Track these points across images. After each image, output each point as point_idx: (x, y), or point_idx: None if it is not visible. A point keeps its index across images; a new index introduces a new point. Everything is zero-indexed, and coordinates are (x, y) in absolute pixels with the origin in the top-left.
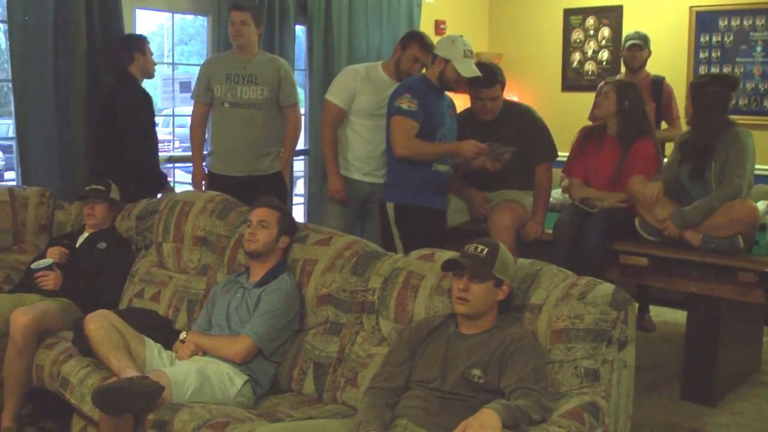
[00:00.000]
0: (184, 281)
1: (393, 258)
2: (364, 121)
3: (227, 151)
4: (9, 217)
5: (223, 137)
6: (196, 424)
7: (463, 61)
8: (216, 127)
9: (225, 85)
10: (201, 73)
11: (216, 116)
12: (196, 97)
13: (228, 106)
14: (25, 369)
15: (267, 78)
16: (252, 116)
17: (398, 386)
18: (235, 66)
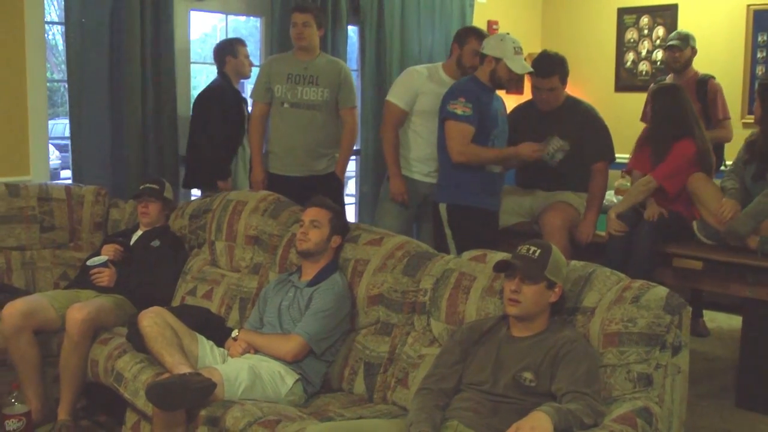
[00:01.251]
0: (236, 279)
1: (444, 259)
2: (426, 122)
3: (286, 151)
4: (65, 215)
5: (281, 137)
6: (248, 421)
7: (514, 59)
8: (275, 127)
9: (285, 86)
10: (261, 73)
11: (275, 116)
12: (256, 96)
13: (288, 107)
14: (80, 363)
15: (328, 80)
16: (311, 117)
17: (449, 388)
18: (297, 66)
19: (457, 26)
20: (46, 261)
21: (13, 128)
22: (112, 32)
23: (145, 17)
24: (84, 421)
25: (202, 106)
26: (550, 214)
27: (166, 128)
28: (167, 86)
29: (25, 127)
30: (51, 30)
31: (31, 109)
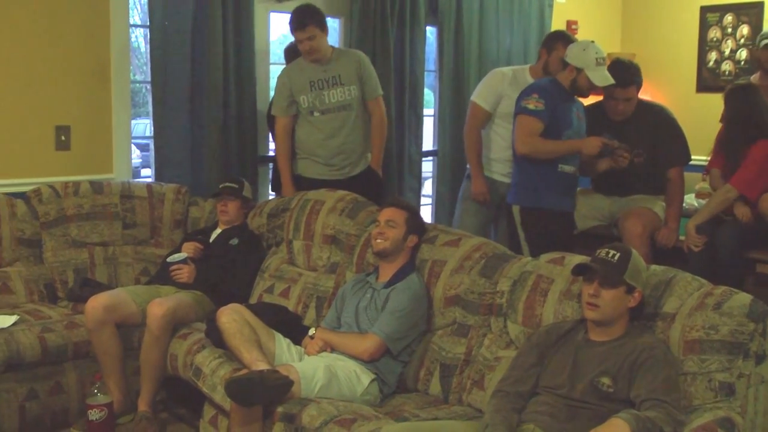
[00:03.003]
0: (313, 278)
1: (522, 261)
2: (508, 124)
3: (325, 158)
4: (147, 213)
5: (317, 146)
6: (324, 419)
7: (596, 70)
8: (308, 138)
9: (311, 94)
10: (280, 87)
11: (305, 127)
12: (279, 112)
13: (318, 114)
14: (160, 357)
15: (350, 74)
16: (345, 118)
17: (526, 391)
18: (316, 71)
19: (536, 27)
20: (128, 257)
21: (98, 128)
22: (194, 34)
23: (227, 19)
24: (163, 413)
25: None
26: (631, 221)
27: (246, 128)
28: (247, 87)
29: (108, 127)
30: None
31: (115, 110)
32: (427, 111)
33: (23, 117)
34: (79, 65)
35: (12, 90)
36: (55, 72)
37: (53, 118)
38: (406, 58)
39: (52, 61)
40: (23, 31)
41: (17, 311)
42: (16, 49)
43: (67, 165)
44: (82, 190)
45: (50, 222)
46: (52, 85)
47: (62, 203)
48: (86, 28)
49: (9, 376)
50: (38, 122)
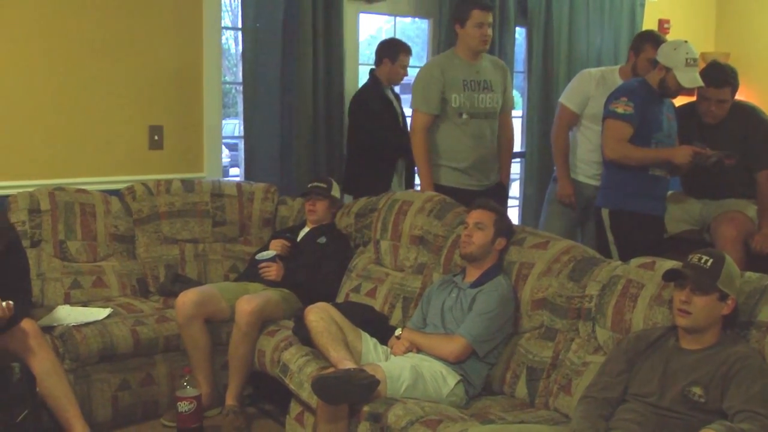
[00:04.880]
0: (400, 279)
1: (611, 265)
2: (595, 126)
3: (469, 165)
4: (236, 211)
5: (462, 150)
6: (409, 419)
7: (685, 71)
8: (451, 140)
9: (463, 94)
10: (432, 80)
11: (450, 128)
12: (427, 107)
13: (467, 117)
14: (248, 353)
15: (497, 82)
16: (489, 126)
17: (614, 397)
18: (469, 72)
19: (628, 26)
20: (217, 254)
21: (190, 128)
22: (285, 36)
23: (317, 20)
24: (250, 408)
25: (351, 111)
26: (724, 225)
27: (335, 129)
28: (337, 88)
29: (200, 127)
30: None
31: (206, 111)
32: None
33: (118, 117)
34: (172, 67)
35: (108, 91)
36: (150, 74)
37: (147, 118)
38: None
39: (146, 63)
40: (119, 34)
41: (111, 304)
42: (111, 51)
43: (159, 164)
44: (174, 188)
45: (143, 219)
46: (146, 87)
47: (155, 201)
48: (180, 30)
49: (103, 367)
50: (132, 122)
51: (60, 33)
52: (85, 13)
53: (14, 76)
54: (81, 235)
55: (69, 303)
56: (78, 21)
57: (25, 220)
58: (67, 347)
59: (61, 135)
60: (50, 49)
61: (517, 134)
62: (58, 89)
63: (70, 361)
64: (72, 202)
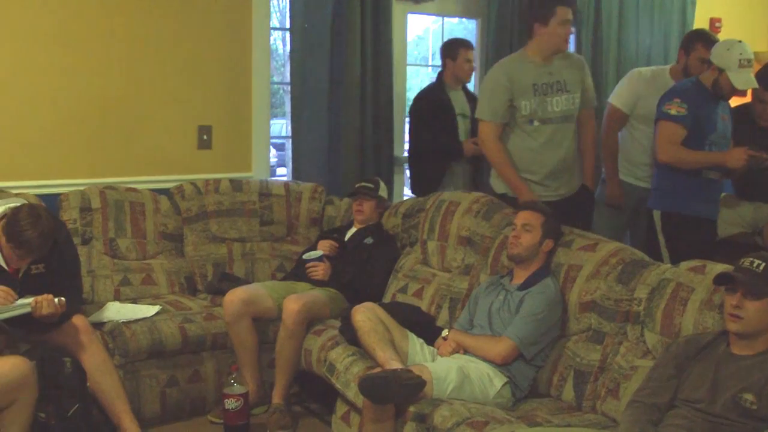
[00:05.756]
0: (447, 279)
1: (661, 268)
2: (645, 127)
3: (544, 175)
4: (284, 210)
5: (533, 162)
6: (456, 420)
7: (739, 72)
8: (522, 150)
9: (534, 99)
10: (498, 87)
11: (520, 137)
12: (493, 116)
13: (538, 124)
14: (294, 352)
15: (574, 80)
16: (566, 131)
17: (663, 403)
18: (541, 74)
19: (678, 25)
20: (265, 253)
21: (238, 128)
22: (333, 36)
23: (365, 21)
24: (296, 406)
25: (411, 112)
26: None
27: (383, 128)
28: (385, 88)
29: (248, 127)
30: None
31: (255, 111)
32: None
33: (168, 118)
34: (221, 67)
35: (158, 92)
36: (199, 74)
37: (196, 118)
38: None
39: (196, 64)
40: (169, 35)
41: (160, 302)
42: (161, 52)
43: (208, 163)
44: (223, 187)
45: (192, 217)
46: (195, 87)
47: (203, 200)
48: (229, 31)
49: (152, 363)
50: (182, 122)
51: (110, 34)
52: (136, 14)
53: (67, 78)
54: (131, 233)
55: (119, 300)
56: (128, 22)
57: (76, 218)
58: (116, 343)
59: (111, 135)
60: (101, 51)
61: None
62: (109, 90)
63: (120, 357)
64: (122, 201)
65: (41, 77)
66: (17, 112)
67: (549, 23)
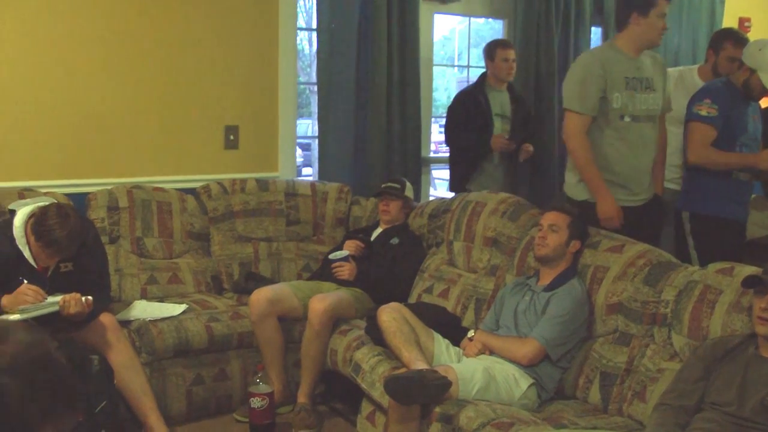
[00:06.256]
0: (472, 280)
1: (688, 270)
2: (674, 128)
3: (629, 177)
4: (310, 210)
5: (618, 161)
6: (481, 421)
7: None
8: (608, 147)
9: (625, 93)
10: (591, 77)
11: (607, 133)
12: (584, 107)
13: (629, 120)
14: (320, 351)
15: (659, 81)
16: (651, 131)
17: (690, 406)
18: (631, 68)
19: (706, 24)
20: (291, 252)
21: (265, 128)
22: (360, 36)
23: (392, 21)
24: (322, 406)
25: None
26: None
27: (409, 129)
28: (411, 88)
29: (275, 127)
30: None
31: (281, 111)
32: None
33: (195, 117)
34: (248, 68)
35: (185, 92)
36: (226, 74)
37: (223, 118)
38: (570, 59)
39: (223, 64)
40: (195, 35)
41: (186, 300)
42: (188, 52)
43: (235, 163)
44: (249, 187)
45: (218, 217)
46: (222, 87)
47: (230, 199)
48: (256, 32)
49: (178, 362)
50: (209, 122)
51: (139, 36)
52: (163, 15)
53: (94, 79)
54: (158, 232)
55: (145, 298)
56: (156, 23)
57: (104, 217)
58: (143, 341)
59: (139, 135)
60: (130, 52)
61: None
62: (137, 91)
63: (147, 355)
64: (149, 200)
65: (70, 78)
66: (47, 113)
67: (649, 14)
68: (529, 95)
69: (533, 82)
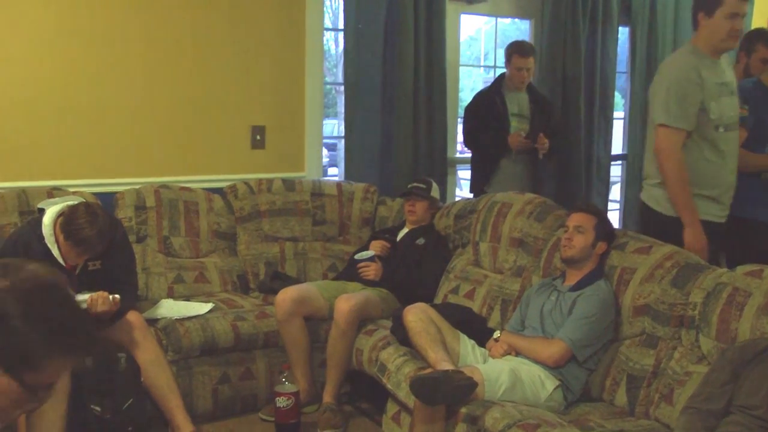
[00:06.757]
0: (498, 281)
1: (717, 272)
2: None
3: (719, 191)
4: (336, 210)
5: (713, 175)
6: (507, 422)
7: None
8: (704, 161)
9: (719, 101)
10: (691, 87)
11: (703, 146)
12: (686, 122)
13: (723, 131)
14: (346, 351)
15: (735, 82)
16: (737, 140)
17: (718, 409)
18: (716, 73)
19: None
20: (317, 252)
21: (291, 128)
22: (386, 36)
23: (418, 21)
24: (347, 406)
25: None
26: None
27: (436, 129)
28: (438, 89)
29: (301, 127)
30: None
31: (308, 111)
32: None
33: (222, 118)
34: (275, 68)
35: (212, 92)
36: (253, 75)
37: (250, 118)
38: (597, 59)
39: (250, 64)
40: (223, 36)
41: (212, 299)
42: (216, 53)
43: (261, 163)
44: (275, 187)
45: (244, 216)
46: (249, 88)
47: (256, 199)
48: (283, 32)
49: (204, 360)
50: (236, 122)
51: (164, 36)
52: (189, 15)
53: (121, 79)
54: (184, 231)
55: (172, 297)
56: (181, 23)
57: (131, 216)
58: (170, 339)
59: (166, 135)
60: (155, 52)
61: (618, 136)
62: (164, 91)
63: (173, 353)
64: (176, 200)
65: (99, 78)
66: (76, 113)
67: (714, 14)
68: (556, 95)
69: (560, 82)
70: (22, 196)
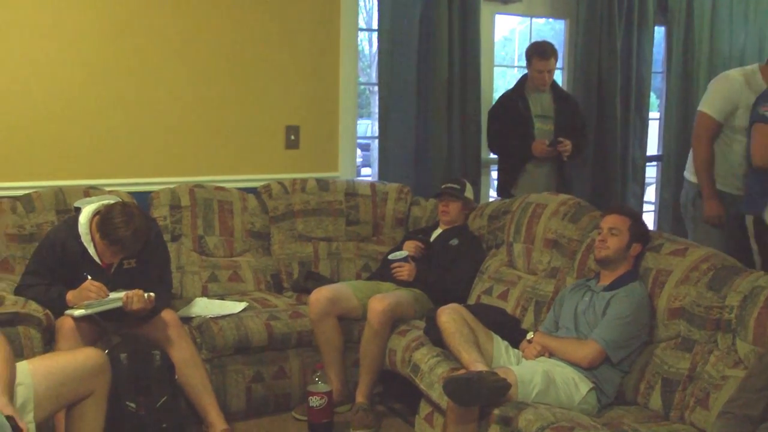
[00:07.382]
0: (532, 282)
1: (754, 275)
2: (741, 137)
3: None
4: (370, 210)
5: None
6: (540, 424)
7: None
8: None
9: None
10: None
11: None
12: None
13: None
14: (379, 351)
15: None
16: None
17: (755, 415)
18: None
19: None
20: (350, 252)
21: (326, 128)
22: (421, 37)
23: (452, 22)
24: (380, 406)
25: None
26: None
27: (470, 130)
28: (472, 89)
29: (335, 127)
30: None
31: (342, 111)
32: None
33: (256, 117)
34: (309, 68)
35: (247, 92)
36: (287, 75)
37: (284, 118)
38: (632, 59)
39: (284, 65)
40: (258, 36)
41: (246, 298)
42: (251, 54)
43: (295, 163)
44: (309, 187)
45: (278, 216)
46: (283, 88)
47: (290, 199)
48: (317, 32)
49: (238, 359)
50: (270, 122)
51: (201, 37)
52: (225, 15)
53: (158, 81)
54: (219, 230)
55: (206, 296)
56: (217, 24)
57: (166, 216)
58: (204, 338)
59: (201, 135)
60: (193, 54)
61: (653, 137)
62: (199, 92)
63: (207, 352)
64: (211, 199)
65: (135, 78)
66: (112, 113)
67: None
68: (591, 96)
69: (595, 82)
70: (59, 195)
